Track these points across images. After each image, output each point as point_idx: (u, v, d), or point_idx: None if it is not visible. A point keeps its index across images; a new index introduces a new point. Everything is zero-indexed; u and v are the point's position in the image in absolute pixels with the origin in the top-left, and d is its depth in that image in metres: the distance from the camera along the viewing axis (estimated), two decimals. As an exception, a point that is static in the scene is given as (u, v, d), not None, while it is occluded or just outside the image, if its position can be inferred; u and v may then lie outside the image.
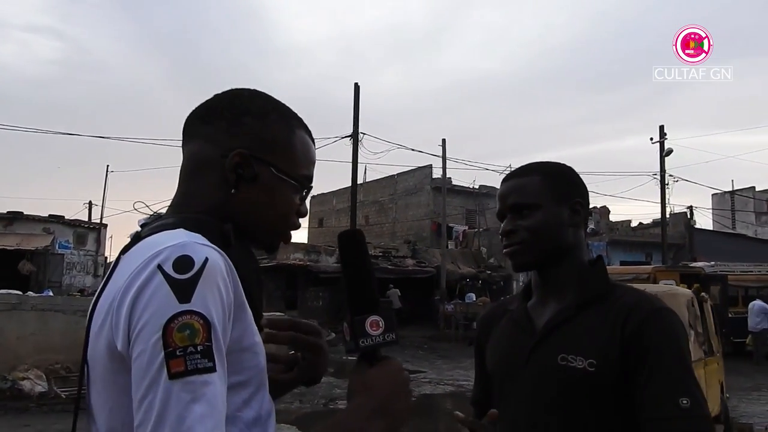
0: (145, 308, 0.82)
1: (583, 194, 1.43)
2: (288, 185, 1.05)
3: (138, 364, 0.81)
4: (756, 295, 18.25)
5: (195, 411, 0.78)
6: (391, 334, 0.97)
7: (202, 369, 0.80)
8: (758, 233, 38.48)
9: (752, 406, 10.88)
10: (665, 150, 26.08)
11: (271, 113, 1.06)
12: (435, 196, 33.27)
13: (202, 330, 0.81)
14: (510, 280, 27.28)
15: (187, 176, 1.04)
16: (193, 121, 1.06)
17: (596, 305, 1.32)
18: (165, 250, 0.85)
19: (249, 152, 1.00)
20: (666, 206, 26.54)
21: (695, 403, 1.18)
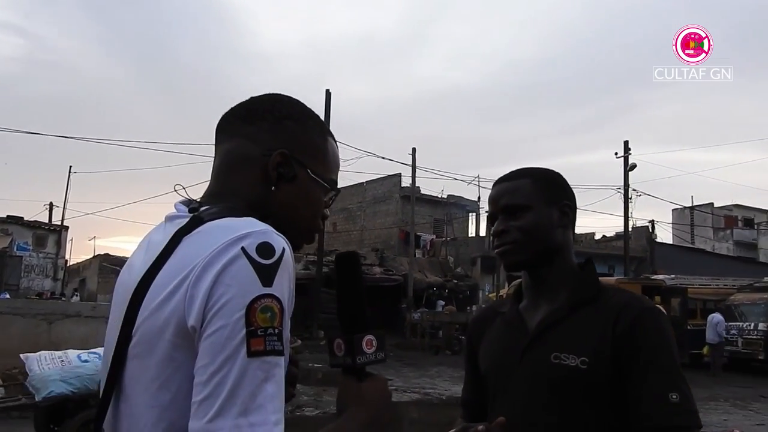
0: (228, 285, 0.85)
1: (571, 197, 1.50)
2: (320, 187, 1.10)
3: (214, 339, 0.84)
4: (714, 308, 18.73)
5: (267, 390, 0.83)
6: (381, 352, 1.05)
7: (278, 351, 0.85)
8: (716, 248, 39.57)
9: (709, 415, 11.14)
10: (629, 165, 26.64)
11: (309, 119, 1.12)
12: (403, 205, 33.42)
13: (279, 314, 0.87)
14: (476, 290, 27.52)
15: (226, 171, 1.08)
16: (233, 120, 1.10)
17: (588, 306, 1.37)
18: (248, 234, 0.89)
19: (290, 152, 1.05)
20: (629, 220, 27.11)
21: (684, 398, 1.24)
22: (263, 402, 0.82)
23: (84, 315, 12.37)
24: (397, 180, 34.31)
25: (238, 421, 0.80)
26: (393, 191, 35.26)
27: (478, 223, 36.24)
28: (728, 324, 17.78)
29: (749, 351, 18.00)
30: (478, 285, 28.24)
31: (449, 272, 29.33)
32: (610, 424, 1.30)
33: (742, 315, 18.68)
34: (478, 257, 29.69)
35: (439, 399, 11.25)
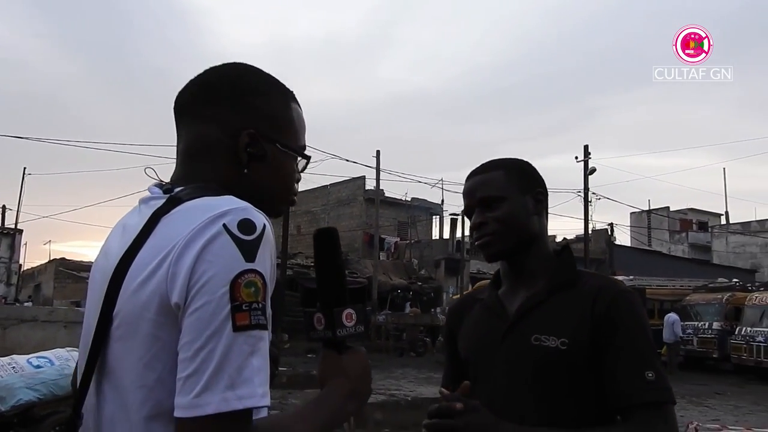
0: (211, 262, 0.85)
1: (543, 184, 1.54)
2: (291, 157, 1.09)
3: (199, 315, 0.84)
4: (670, 309, 19.23)
5: (253, 363, 0.84)
6: (361, 326, 1.07)
7: (263, 325, 0.86)
8: (671, 250, 40.58)
9: (667, 412, 11.42)
10: (589, 169, 27.15)
11: (272, 89, 1.09)
12: (368, 208, 33.43)
13: (262, 289, 0.87)
14: (440, 292, 27.65)
15: (192, 156, 1.05)
16: (192, 101, 1.07)
17: (566, 289, 1.41)
18: (228, 211, 0.89)
19: (257, 131, 1.03)
20: (589, 223, 27.61)
21: (659, 376, 1.29)
22: (250, 375, 0.83)
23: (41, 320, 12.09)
24: (361, 183, 34.30)
25: (226, 394, 0.81)
26: (357, 194, 35.24)
27: (441, 226, 36.51)
28: (684, 324, 18.30)
29: (704, 350, 18.58)
30: (442, 287, 28.38)
31: (413, 274, 29.44)
32: (591, 405, 1.34)
33: (697, 315, 19.26)
34: (442, 259, 29.86)
35: (405, 400, 11.26)
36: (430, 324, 22.66)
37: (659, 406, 1.28)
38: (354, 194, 35.43)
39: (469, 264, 28.68)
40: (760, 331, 16.56)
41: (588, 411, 1.34)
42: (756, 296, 18.08)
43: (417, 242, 33.74)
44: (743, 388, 14.95)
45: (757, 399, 13.14)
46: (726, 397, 13.57)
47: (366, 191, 34.21)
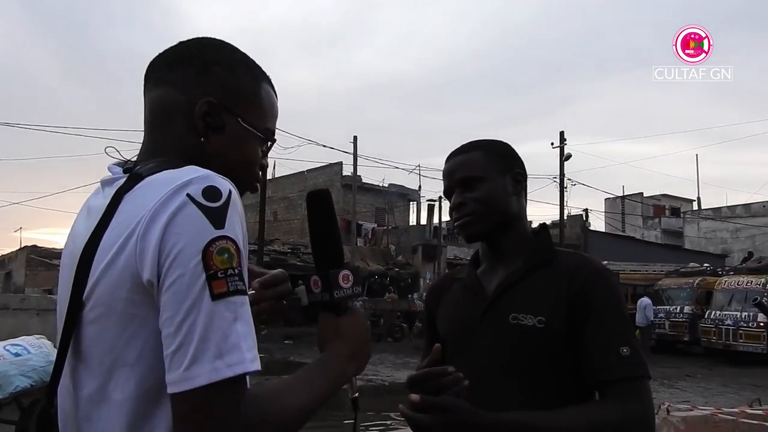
0: (179, 234, 0.84)
1: (522, 165, 1.55)
2: (253, 137, 1.06)
3: (176, 289, 0.82)
4: (643, 293, 19.55)
5: (238, 329, 0.83)
6: (358, 287, 1.06)
7: (241, 290, 0.85)
8: (645, 236, 41.14)
9: (639, 395, 11.65)
10: (565, 155, 27.35)
11: (240, 64, 1.06)
12: (345, 194, 33.34)
13: (236, 255, 0.85)
14: (417, 278, 27.74)
15: (155, 124, 1.04)
16: (160, 66, 1.05)
17: (543, 268, 1.43)
18: (191, 180, 0.87)
19: (217, 101, 1.01)
20: (564, 209, 27.87)
21: (634, 351, 1.31)
22: (237, 341, 0.82)
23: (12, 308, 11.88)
24: (339, 168, 34.18)
25: (215, 363, 0.80)
26: (334, 180, 35.11)
27: (419, 212, 36.56)
28: (656, 308, 18.63)
29: (675, 333, 18.97)
30: (420, 273, 28.47)
31: (391, 260, 29.47)
32: (570, 383, 1.36)
33: (669, 299, 19.62)
34: (419, 245, 29.92)
35: (382, 385, 11.34)
36: (407, 310, 22.74)
37: (633, 381, 1.30)
38: (331, 180, 35.30)
39: (446, 250, 28.81)
40: (729, 315, 16.98)
41: (568, 388, 1.35)
42: (725, 280, 18.48)
43: (394, 228, 33.76)
44: (712, 370, 15.30)
45: (725, 381, 13.47)
46: (696, 379, 13.88)
47: (343, 177, 34.11)
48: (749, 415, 4.59)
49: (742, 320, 16.59)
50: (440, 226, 29.90)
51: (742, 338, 16.47)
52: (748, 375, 14.15)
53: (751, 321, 16.33)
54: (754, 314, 16.20)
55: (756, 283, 17.08)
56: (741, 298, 17.08)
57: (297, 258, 25.89)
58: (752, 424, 4.53)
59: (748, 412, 4.63)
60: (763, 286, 16.76)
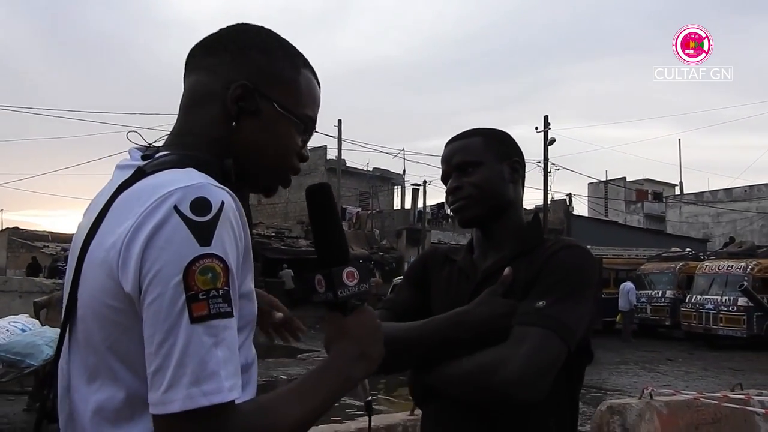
0: (162, 250, 0.79)
1: (520, 154, 1.55)
2: (291, 123, 1.02)
3: (156, 308, 0.78)
4: (625, 278, 19.73)
5: (217, 355, 0.78)
6: (365, 284, 1.00)
7: (224, 313, 0.80)
8: (627, 220, 41.52)
9: (621, 378, 11.81)
10: (549, 140, 27.42)
11: (277, 49, 1.03)
12: (329, 178, 33.21)
13: (223, 274, 0.80)
14: (401, 262, 27.81)
15: (188, 108, 1.01)
16: (196, 53, 1.03)
17: (529, 255, 1.43)
18: (180, 190, 0.83)
19: (252, 85, 0.98)
20: (548, 193, 27.99)
21: (552, 306, 1.27)
22: (216, 368, 0.78)
23: (-7, 290, 11.77)
24: (323, 152, 34.04)
25: (191, 390, 0.76)
26: (318, 164, 34.98)
27: (403, 196, 36.60)
28: (638, 292, 18.81)
29: (657, 317, 19.19)
30: (404, 257, 28.54)
31: (375, 245, 29.53)
32: None
33: (651, 284, 19.82)
34: (404, 230, 29.97)
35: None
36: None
37: (527, 328, 1.26)
38: (315, 164, 35.14)
39: (430, 234, 28.87)
40: (709, 299, 17.13)
41: None
42: (706, 265, 18.66)
43: (378, 212, 33.77)
44: (693, 354, 15.52)
45: (706, 365, 13.67)
46: (677, 363, 14.08)
47: (327, 161, 33.99)
48: (731, 399, 4.63)
49: (722, 304, 16.74)
50: (424, 210, 29.93)
51: (722, 322, 16.63)
52: (728, 359, 14.37)
53: (731, 305, 16.53)
54: (735, 298, 16.43)
55: (737, 268, 17.27)
56: (722, 282, 17.26)
57: (281, 242, 25.84)
58: (734, 408, 4.58)
59: (731, 397, 4.67)
60: (743, 271, 16.94)
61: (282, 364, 12.41)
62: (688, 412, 4.62)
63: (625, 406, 4.40)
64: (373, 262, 26.51)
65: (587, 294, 1.34)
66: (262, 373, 11.23)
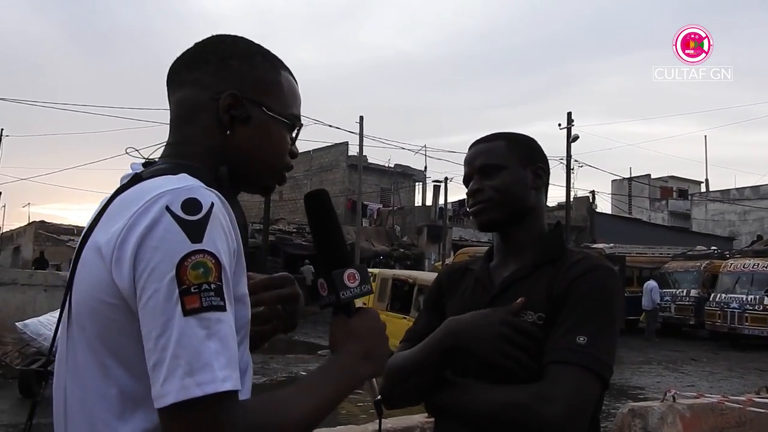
0: (156, 248, 0.82)
1: (545, 161, 1.52)
2: (280, 124, 1.06)
3: (152, 304, 0.81)
4: (649, 276, 19.49)
5: (210, 347, 0.80)
6: (366, 285, 1.03)
7: (216, 306, 0.82)
8: (652, 218, 41.01)
9: (644, 378, 11.68)
10: (572, 136, 27.15)
11: (256, 55, 1.07)
12: (350, 174, 33.30)
13: (215, 269, 0.83)
14: (422, 258, 27.79)
15: (179, 122, 1.04)
16: (179, 69, 1.06)
17: (550, 265, 1.39)
18: (171, 191, 0.86)
19: (240, 93, 1.02)
20: (570, 190, 27.74)
21: (592, 342, 1.24)
22: (209, 360, 0.79)
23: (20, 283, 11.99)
24: (344, 148, 34.05)
25: (185, 381, 0.78)
26: (340, 160, 35.04)
27: (424, 193, 36.50)
28: (662, 291, 18.57)
29: (681, 316, 18.93)
30: (424, 254, 28.51)
31: (396, 241, 29.53)
32: None
33: (676, 282, 19.56)
34: (425, 226, 29.91)
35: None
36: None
37: (566, 366, 1.23)
38: (337, 160, 35.23)
39: (452, 231, 28.80)
40: (734, 298, 16.86)
41: None
42: (731, 263, 18.36)
43: (400, 209, 33.74)
44: (718, 354, 15.31)
45: (731, 365, 13.47)
46: (701, 363, 13.89)
47: (349, 157, 34.01)
48: (756, 403, 4.55)
49: (748, 303, 16.47)
50: (446, 207, 29.86)
51: (747, 321, 16.36)
52: (754, 359, 14.14)
53: (757, 304, 16.26)
54: (761, 297, 16.16)
55: (764, 266, 16.97)
56: (748, 281, 17.00)
57: (302, 237, 25.94)
58: (759, 412, 4.49)
59: (756, 400, 4.59)
60: (770, 270, 16.62)
61: (302, 360, 12.46)
62: (712, 416, 4.55)
63: (647, 409, 4.35)
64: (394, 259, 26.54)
65: (618, 322, 1.33)
66: (282, 368, 11.30)
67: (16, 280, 12.10)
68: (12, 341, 10.44)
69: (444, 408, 1.36)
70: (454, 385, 1.33)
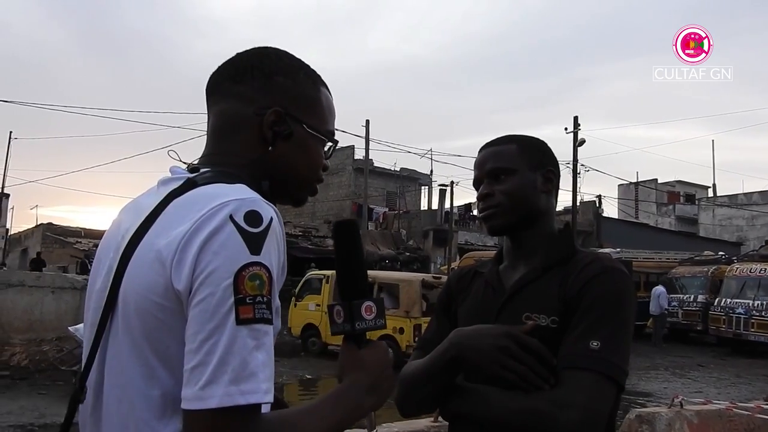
0: (216, 253, 0.84)
1: (555, 164, 1.52)
2: (318, 140, 1.09)
3: (203, 307, 0.83)
4: (657, 281, 19.39)
5: (258, 358, 0.82)
6: (381, 320, 1.05)
7: (267, 319, 0.85)
8: (658, 222, 40.87)
9: (651, 383, 11.63)
10: (578, 140, 27.06)
11: (299, 71, 1.09)
12: (356, 177, 33.32)
13: (268, 283, 0.86)
14: (428, 262, 27.74)
15: (221, 134, 1.06)
16: (222, 81, 1.08)
17: (560, 267, 1.39)
18: (235, 201, 0.88)
19: (284, 110, 1.04)
20: (577, 195, 27.66)
21: (606, 347, 1.23)
22: (255, 370, 0.81)
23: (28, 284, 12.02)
24: (350, 152, 34.08)
25: (230, 389, 0.79)
26: (346, 163, 35.06)
27: (430, 196, 36.47)
28: (669, 296, 18.45)
29: (688, 322, 18.77)
30: (430, 257, 28.45)
31: (401, 245, 29.48)
32: None
33: (683, 287, 19.44)
34: (430, 230, 29.87)
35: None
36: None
37: (582, 372, 1.22)
38: (343, 164, 35.25)
39: (457, 235, 28.74)
40: (740, 303, 16.61)
41: None
42: (737, 267, 18.11)
43: (406, 213, 33.71)
44: (725, 360, 15.21)
45: (739, 371, 13.39)
46: (709, 369, 13.81)
47: (355, 161, 34.04)
48: (765, 410, 4.52)
49: (754, 309, 16.22)
50: (451, 210, 29.80)
51: (753, 328, 16.09)
52: (762, 366, 14.04)
53: (764, 310, 16.06)
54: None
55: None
56: (754, 286, 16.72)
57: (308, 241, 25.95)
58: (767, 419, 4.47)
59: (764, 407, 4.56)
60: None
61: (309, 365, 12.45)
62: (720, 423, 4.53)
63: (654, 415, 4.33)
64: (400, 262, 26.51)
65: (631, 325, 1.32)
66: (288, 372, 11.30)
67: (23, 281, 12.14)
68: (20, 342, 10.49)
69: (460, 414, 1.36)
70: (469, 392, 1.33)
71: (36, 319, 11.12)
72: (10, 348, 10.44)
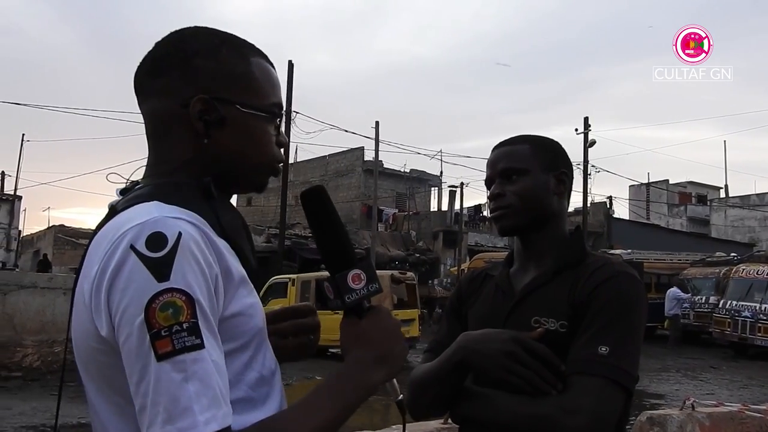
0: (124, 291, 0.79)
1: (568, 166, 1.50)
2: (259, 118, 0.99)
3: (127, 348, 0.79)
4: (668, 283, 19.23)
5: (188, 390, 0.77)
6: (374, 284, 0.97)
7: (191, 347, 0.78)
8: (670, 224, 40.58)
9: (662, 385, 11.55)
10: (589, 141, 26.97)
11: (220, 47, 0.98)
12: (366, 179, 33.35)
13: (186, 307, 0.79)
14: (437, 263, 27.73)
15: (154, 137, 0.98)
16: (143, 78, 0.99)
17: (570, 271, 1.37)
18: (134, 228, 0.82)
19: (209, 95, 0.94)
20: (587, 196, 27.55)
21: (615, 352, 1.22)
22: (188, 404, 0.76)
23: (40, 286, 12.08)
24: (360, 153, 34.14)
25: (165, 429, 0.76)
26: (356, 165, 35.12)
27: (440, 198, 36.48)
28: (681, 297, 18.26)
29: (700, 324, 18.51)
30: (440, 259, 28.45)
31: (411, 246, 29.47)
32: None
33: (694, 289, 19.23)
34: (440, 231, 29.86)
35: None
36: (427, 296, 22.73)
37: (590, 377, 1.21)
38: (352, 165, 35.31)
39: (467, 236, 28.71)
40: (747, 306, 15.92)
41: None
42: (743, 269, 17.48)
43: (415, 214, 33.71)
44: (738, 362, 15.05)
45: (751, 373, 13.27)
46: (721, 371, 13.70)
47: (365, 162, 34.08)
48: (778, 412, 4.48)
49: (761, 312, 15.48)
50: (461, 212, 29.77)
51: (760, 332, 15.36)
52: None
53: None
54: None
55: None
56: (761, 288, 16.02)
57: (318, 242, 25.95)
58: (780, 421, 4.43)
59: (777, 410, 4.52)
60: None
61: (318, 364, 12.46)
62: (732, 425, 4.49)
63: (665, 417, 4.30)
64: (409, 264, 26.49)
65: (641, 329, 1.30)
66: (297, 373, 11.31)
67: (36, 283, 12.21)
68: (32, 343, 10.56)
69: (469, 418, 1.35)
70: (478, 396, 1.32)
71: (48, 320, 11.17)
72: (23, 349, 10.51)
